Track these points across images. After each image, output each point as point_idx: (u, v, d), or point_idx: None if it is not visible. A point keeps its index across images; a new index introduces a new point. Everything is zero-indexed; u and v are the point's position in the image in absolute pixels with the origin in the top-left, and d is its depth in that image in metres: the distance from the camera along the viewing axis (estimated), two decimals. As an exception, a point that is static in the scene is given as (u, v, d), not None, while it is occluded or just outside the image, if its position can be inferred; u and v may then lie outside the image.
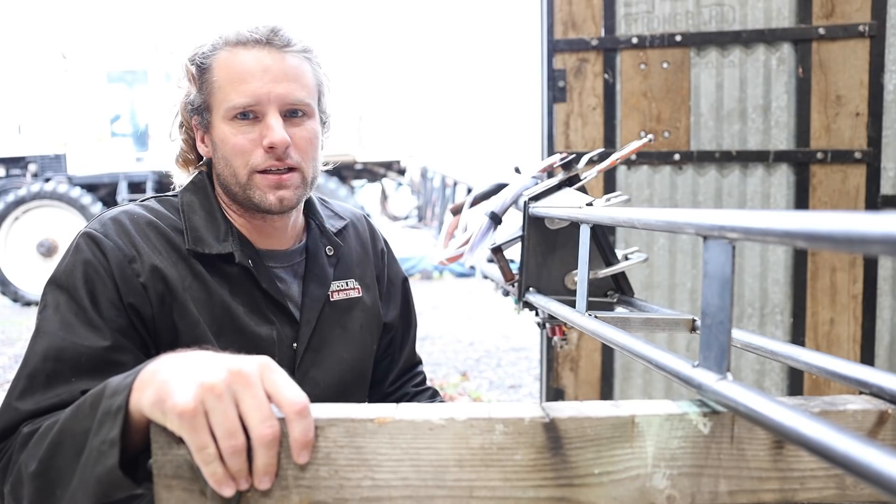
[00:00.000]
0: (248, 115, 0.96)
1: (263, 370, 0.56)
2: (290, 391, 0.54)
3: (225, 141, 0.98)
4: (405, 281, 1.31)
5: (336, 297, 1.11)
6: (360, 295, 1.15)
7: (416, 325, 1.33)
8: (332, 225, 1.16)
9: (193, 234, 0.99)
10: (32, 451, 0.71)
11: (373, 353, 1.19)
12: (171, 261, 0.95)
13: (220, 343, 0.95)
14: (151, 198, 1.05)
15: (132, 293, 0.90)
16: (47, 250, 8.82)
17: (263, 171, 0.97)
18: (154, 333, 0.93)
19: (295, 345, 1.04)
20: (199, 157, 1.09)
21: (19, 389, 0.82)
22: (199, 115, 1.02)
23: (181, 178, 1.10)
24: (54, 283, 0.91)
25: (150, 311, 0.92)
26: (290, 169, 0.98)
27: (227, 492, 0.52)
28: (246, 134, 0.96)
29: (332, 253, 1.12)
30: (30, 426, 0.77)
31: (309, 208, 1.14)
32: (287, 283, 1.07)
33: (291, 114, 0.98)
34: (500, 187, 1.25)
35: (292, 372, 1.03)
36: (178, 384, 0.54)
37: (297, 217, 1.11)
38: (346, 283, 1.14)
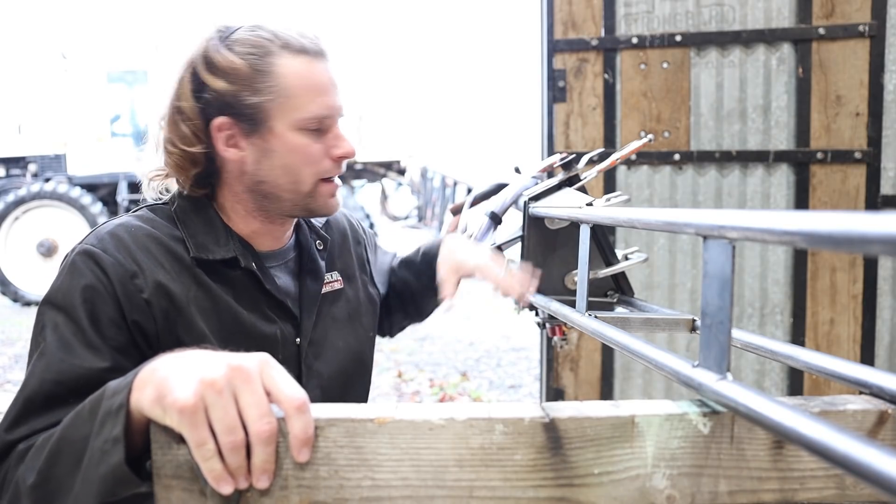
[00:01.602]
0: (320, 126, 0.98)
1: (263, 367, 0.56)
2: (288, 388, 0.54)
3: (296, 150, 0.97)
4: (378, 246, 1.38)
5: (325, 289, 1.13)
6: (343, 286, 1.17)
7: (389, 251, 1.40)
8: (317, 220, 1.18)
9: (194, 240, 0.97)
10: (30, 464, 0.70)
11: (369, 340, 1.20)
12: (175, 272, 0.93)
13: (229, 349, 0.94)
14: (144, 207, 1.02)
15: (136, 310, 0.88)
16: (47, 250, 8.81)
17: (325, 179, 1.01)
18: (157, 350, 0.89)
19: (298, 340, 1.04)
20: (199, 162, 0.98)
21: (13, 415, 0.79)
22: (238, 117, 0.95)
23: (155, 185, 1.03)
24: (51, 303, 0.87)
25: (153, 327, 0.89)
26: None
27: (226, 489, 0.52)
28: (315, 144, 0.99)
29: (321, 247, 1.14)
30: (25, 444, 0.75)
31: None
32: (284, 280, 1.08)
33: None
34: (500, 187, 1.25)
35: (298, 367, 1.03)
36: (179, 380, 0.54)
37: None
38: (332, 275, 1.15)
